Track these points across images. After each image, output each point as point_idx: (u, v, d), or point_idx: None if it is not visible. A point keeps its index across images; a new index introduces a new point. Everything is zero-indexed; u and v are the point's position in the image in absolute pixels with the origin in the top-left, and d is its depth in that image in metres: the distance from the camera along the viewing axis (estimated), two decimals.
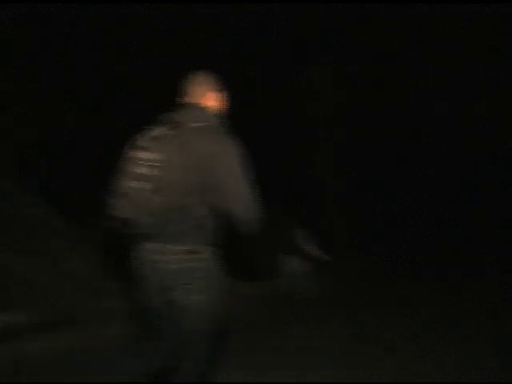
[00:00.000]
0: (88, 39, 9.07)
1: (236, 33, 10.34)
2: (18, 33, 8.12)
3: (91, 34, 9.08)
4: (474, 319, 6.77)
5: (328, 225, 11.80)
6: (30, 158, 8.64)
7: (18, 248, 4.66)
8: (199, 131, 1.93)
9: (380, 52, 12.01)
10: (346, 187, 12.14)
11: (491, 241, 12.62)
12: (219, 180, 1.87)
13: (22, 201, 5.77)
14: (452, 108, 13.02)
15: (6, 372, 3.29)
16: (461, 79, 12.12)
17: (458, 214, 13.59)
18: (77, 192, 7.57)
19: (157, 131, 1.98)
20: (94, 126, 9.22)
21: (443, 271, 10.59)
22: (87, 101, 9.27)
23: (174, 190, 1.86)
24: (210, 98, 2.14)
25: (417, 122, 13.30)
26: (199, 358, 2.00)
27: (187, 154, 1.87)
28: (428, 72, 12.60)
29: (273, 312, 6.06)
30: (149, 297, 2.02)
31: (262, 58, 10.83)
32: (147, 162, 1.90)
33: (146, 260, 1.97)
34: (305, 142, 12.46)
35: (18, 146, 8.59)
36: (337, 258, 8.40)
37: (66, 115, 9.01)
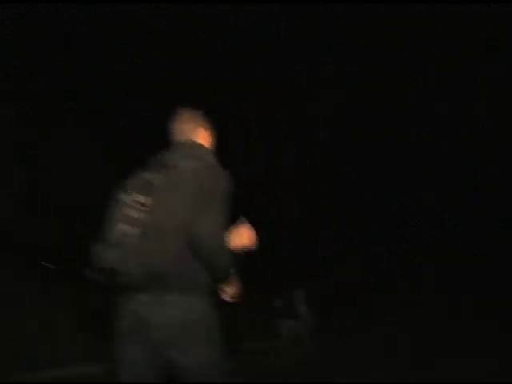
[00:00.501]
0: (88, 39, 9.07)
1: (236, 33, 10.34)
2: (17, 33, 8.12)
3: (91, 34, 9.08)
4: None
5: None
6: (30, 158, 8.64)
7: None
8: (192, 171, 1.82)
9: (380, 52, 12.01)
10: (346, 187, 12.15)
11: (491, 241, 12.63)
12: (196, 211, 1.74)
13: None
14: (452, 108, 13.02)
15: None
16: (461, 79, 12.11)
17: (458, 214, 13.59)
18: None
19: (149, 172, 1.86)
20: (93, 126, 9.22)
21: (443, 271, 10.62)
22: (87, 101, 9.26)
23: (166, 234, 1.73)
24: (199, 136, 2.03)
25: (417, 121, 13.29)
26: None
27: (179, 196, 1.76)
28: (428, 72, 12.60)
29: None
30: (134, 358, 1.76)
31: (262, 57, 10.84)
32: (138, 205, 1.77)
33: (138, 314, 1.75)
34: (305, 141, 12.47)
35: (18, 146, 8.59)
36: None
37: (66, 115, 9.01)
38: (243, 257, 1.93)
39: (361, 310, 9.13)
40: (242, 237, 1.92)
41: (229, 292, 1.89)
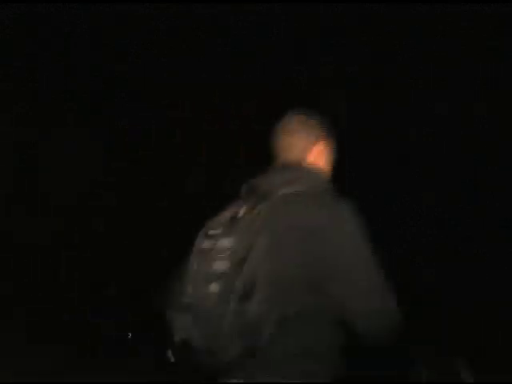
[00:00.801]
0: (88, 39, 9.07)
1: (236, 33, 10.34)
2: (17, 33, 8.12)
3: (91, 34, 9.08)
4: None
5: None
6: (30, 158, 8.64)
7: None
8: (296, 200, 1.31)
9: (380, 52, 12.01)
10: (346, 187, 12.14)
11: (491, 241, 12.63)
12: (333, 267, 1.26)
13: None
14: (452, 108, 13.00)
15: None
16: (461, 79, 12.11)
17: (458, 214, 13.57)
18: None
19: (237, 207, 1.33)
20: (93, 126, 9.22)
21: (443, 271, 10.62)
22: (87, 101, 9.27)
23: (269, 292, 1.20)
24: (315, 153, 1.48)
25: (417, 122, 13.28)
26: None
27: (282, 234, 1.25)
28: (428, 72, 12.60)
29: None
30: None
31: (262, 57, 10.84)
32: (224, 254, 1.23)
33: None
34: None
35: (18, 146, 8.60)
36: None
37: (66, 115, 9.01)
38: None
39: None
40: None
41: None
